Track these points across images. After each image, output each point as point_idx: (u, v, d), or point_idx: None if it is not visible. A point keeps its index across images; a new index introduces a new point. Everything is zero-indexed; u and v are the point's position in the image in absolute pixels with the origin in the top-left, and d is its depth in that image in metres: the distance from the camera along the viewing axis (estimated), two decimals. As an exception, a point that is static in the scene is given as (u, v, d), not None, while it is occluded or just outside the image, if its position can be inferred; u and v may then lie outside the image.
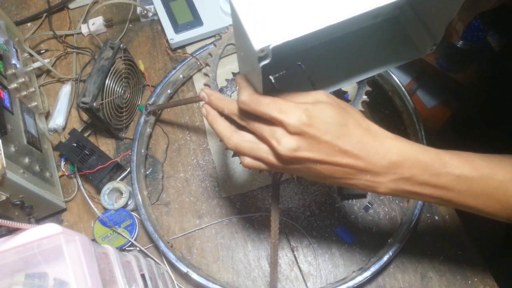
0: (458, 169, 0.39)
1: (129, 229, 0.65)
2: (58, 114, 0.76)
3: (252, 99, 0.38)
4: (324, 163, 0.37)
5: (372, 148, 0.37)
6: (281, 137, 0.37)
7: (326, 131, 0.36)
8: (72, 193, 0.70)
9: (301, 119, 0.36)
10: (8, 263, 0.37)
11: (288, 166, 0.39)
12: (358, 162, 0.37)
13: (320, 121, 0.36)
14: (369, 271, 0.60)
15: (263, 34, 0.32)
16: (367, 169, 0.38)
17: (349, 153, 0.37)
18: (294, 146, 0.36)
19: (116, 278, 0.43)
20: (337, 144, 0.36)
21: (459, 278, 0.62)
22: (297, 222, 0.67)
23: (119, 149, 0.74)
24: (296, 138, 0.36)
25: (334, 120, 0.36)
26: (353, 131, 0.37)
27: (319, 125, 0.36)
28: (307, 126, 0.36)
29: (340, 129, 0.37)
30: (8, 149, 0.57)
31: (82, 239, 0.39)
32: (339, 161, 0.37)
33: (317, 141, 0.36)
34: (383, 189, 0.39)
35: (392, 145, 0.38)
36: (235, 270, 0.65)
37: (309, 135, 0.36)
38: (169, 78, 0.75)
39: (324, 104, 0.37)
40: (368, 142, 0.37)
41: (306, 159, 0.37)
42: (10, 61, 0.69)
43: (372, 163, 0.37)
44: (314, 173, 0.39)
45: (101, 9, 0.86)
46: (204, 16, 0.81)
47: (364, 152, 0.37)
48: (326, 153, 0.37)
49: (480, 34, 1.12)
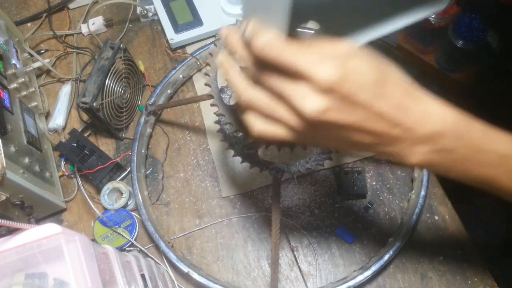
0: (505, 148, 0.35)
1: (129, 229, 0.65)
2: (58, 114, 0.76)
3: (274, 44, 0.31)
4: (354, 128, 0.32)
5: (412, 113, 0.32)
6: (307, 96, 0.31)
7: (361, 90, 0.30)
8: (72, 193, 0.70)
9: (333, 74, 0.30)
10: (8, 263, 0.37)
11: (311, 132, 0.33)
12: (395, 129, 0.32)
13: (355, 77, 0.30)
14: (369, 270, 0.60)
15: None
16: (403, 137, 0.33)
17: (386, 118, 0.32)
18: (322, 107, 0.30)
19: (116, 278, 0.43)
20: (373, 106, 0.31)
21: (459, 278, 0.62)
22: (297, 222, 0.67)
23: (119, 149, 0.74)
24: (325, 97, 0.30)
25: (372, 77, 0.31)
26: (393, 91, 0.32)
27: (354, 83, 0.30)
28: (339, 82, 0.30)
29: (377, 88, 0.31)
30: (8, 149, 0.57)
31: (82, 239, 0.39)
32: (373, 127, 0.32)
33: (350, 102, 0.31)
34: (415, 159, 0.34)
35: (436, 112, 0.33)
36: (235, 270, 0.65)
37: (341, 94, 0.30)
38: (169, 78, 0.75)
39: (360, 58, 0.31)
40: (409, 106, 0.32)
41: (334, 123, 0.32)
42: (10, 61, 0.69)
43: (410, 130, 0.32)
44: (340, 140, 0.34)
45: (101, 9, 0.86)
46: (204, 16, 0.81)
47: (403, 117, 0.32)
48: (359, 116, 0.31)
49: (480, 34, 1.12)
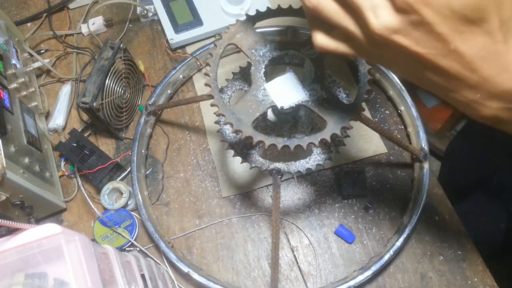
0: None
1: (129, 229, 0.65)
2: (58, 114, 0.76)
3: None
4: (424, 60, 0.28)
5: (500, 63, 0.27)
6: (379, 9, 0.26)
7: (445, 18, 0.26)
8: (72, 193, 0.70)
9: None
10: (8, 263, 0.37)
11: (376, 51, 0.29)
12: (473, 75, 0.28)
13: (444, 2, 0.25)
14: (370, 270, 0.60)
15: None
16: (480, 86, 0.28)
17: (464, 60, 0.27)
18: (392, 25, 0.26)
19: (116, 278, 0.43)
20: (453, 41, 0.26)
21: (459, 278, 0.62)
22: (297, 222, 0.67)
23: (119, 149, 0.74)
24: (398, 15, 0.26)
25: (465, 6, 0.25)
26: (485, 29, 0.26)
27: (440, 8, 0.25)
28: (421, 3, 0.25)
29: (466, 22, 0.26)
30: (8, 149, 0.57)
31: (82, 239, 0.39)
32: (446, 66, 0.28)
33: (427, 29, 0.26)
34: (487, 113, 0.30)
35: None
36: (235, 270, 0.65)
37: (419, 18, 0.26)
38: (169, 78, 0.75)
39: None
40: (499, 53, 0.27)
41: (403, 47, 0.27)
42: (10, 61, 0.69)
43: (489, 81, 0.28)
44: (407, 69, 0.30)
45: (101, 9, 0.86)
46: (204, 16, 0.81)
47: (487, 64, 0.27)
48: (432, 49, 0.27)
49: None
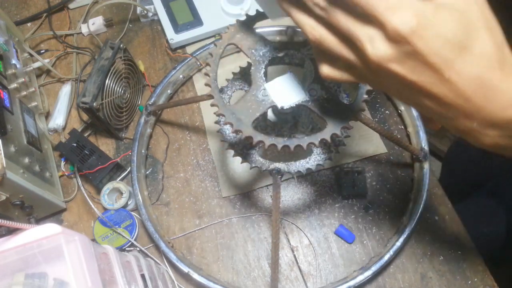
0: None
1: (129, 229, 0.65)
2: (58, 114, 0.76)
3: None
4: (418, 88, 0.28)
5: (494, 92, 0.27)
6: (374, 39, 0.27)
7: (437, 49, 0.26)
8: (72, 193, 0.70)
9: (408, 24, 0.26)
10: (8, 263, 0.37)
11: (375, 78, 0.31)
12: (467, 104, 0.28)
13: (435, 33, 0.26)
14: (370, 270, 0.60)
15: None
16: (475, 115, 0.28)
17: (459, 89, 0.27)
18: (388, 55, 0.27)
19: (116, 278, 0.43)
20: (445, 72, 0.27)
21: (459, 278, 0.62)
22: (297, 222, 0.67)
23: (119, 149, 0.74)
24: (392, 46, 0.27)
25: (455, 37, 0.26)
26: (477, 59, 0.27)
27: (431, 39, 0.26)
28: (413, 35, 0.26)
29: (458, 52, 0.26)
30: (8, 149, 0.57)
31: (82, 239, 0.39)
32: (440, 94, 0.28)
33: (420, 60, 0.27)
34: (488, 141, 0.30)
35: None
36: (235, 270, 0.65)
37: (412, 49, 0.26)
38: (169, 78, 0.75)
39: (451, 11, 0.26)
40: (493, 81, 0.27)
41: (397, 76, 0.28)
42: (10, 61, 0.69)
43: (486, 111, 0.28)
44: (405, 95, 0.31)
45: (101, 9, 0.86)
46: (204, 16, 0.80)
47: (481, 93, 0.27)
48: (425, 78, 0.28)
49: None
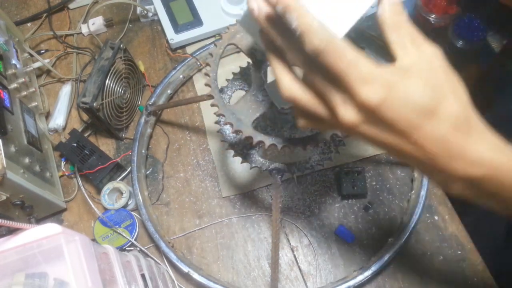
0: None
1: (129, 229, 0.65)
2: (58, 114, 0.76)
3: (331, 47, 0.28)
4: (390, 147, 0.31)
5: (458, 152, 0.29)
6: (346, 105, 0.29)
7: (404, 116, 0.28)
8: (72, 193, 0.70)
9: (377, 96, 0.28)
10: (8, 263, 0.37)
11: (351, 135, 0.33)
12: (434, 162, 0.30)
13: (403, 102, 0.28)
14: (369, 270, 0.60)
15: None
16: (442, 170, 0.30)
17: (425, 150, 0.29)
18: (357, 121, 0.30)
19: (116, 278, 0.43)
20: (413, 135, 0.29)
21: (459, 278, 0.62)
22: (297, 222, 0.67)
23: (119, 149, 0.74)
24: (362, 113, 0.29)
25: (421, 104, 0.28)
26: (442, 122, 0.29)
27: (399, 108, 0.28)
28: (382, 106, 0.28)
29: (423, 118, 0.28)
30: (8, 149, 0.57)
31: (82, 239, 0.39)
32: (410, 154, 0.30)
33: (388, 126, 0.29)
34: (456, 192, 0.32)
35: (483, 155, 0.29)
36: (235, 270, 0.65)
37: (379, 117, 0.29)
38: (169, 79, 0.75)
39: (418, 78, 0.28)
40: (457, 142, 0.29)
41: (370, 137, 0.31)
42: (10, 61, 0.69)
43: (451, 169, 0.30)
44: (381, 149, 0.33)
45: (101, 9, 0.86)
46: (204, 16, 0.80)
47: (446, 153, 0.29)
48: (394, 140, 0.30)
49: (480, 34, 1.12)
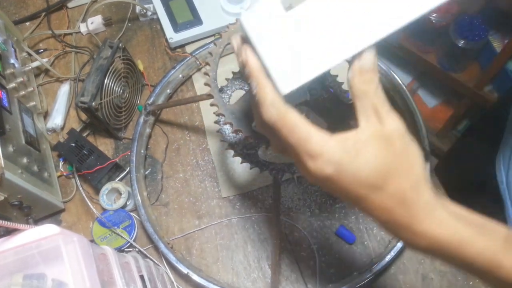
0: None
1: (128, 230, 0.64)
2: (56, 113, 0.75)
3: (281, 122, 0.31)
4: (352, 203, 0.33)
5: (402, 224, 0.31)
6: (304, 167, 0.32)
7: (351, 189, 0.30)
8: (70, 194, 0.70)
9: (322, 172, 0.30)
10: (7, 263, 0.37)
11: None
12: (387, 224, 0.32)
13: (349, 179, 0.30)
14: (370, 272, 0.59)
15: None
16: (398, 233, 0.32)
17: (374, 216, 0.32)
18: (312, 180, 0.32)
19: (115, 279, 0.42)
20: (361, 204, 0.32)
21: (460, 279, 0.62)
22: (297, 223, 0.66)
23: (118, 149, 0.74)
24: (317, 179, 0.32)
25: (367, 181, 0.30)
26: (387, 198, 0.30)
27: (345, 184, 0.30)
28: (327, 180, 0.31)
29: (370, 192, 0.30)
30: (6, 149, 0.56)
31: (80, 240, 0.39)
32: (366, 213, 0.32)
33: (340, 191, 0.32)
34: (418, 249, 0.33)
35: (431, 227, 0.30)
36: (235, 271, 0.64)
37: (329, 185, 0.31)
38: (169, 78, 0.75)
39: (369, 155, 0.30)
40: (401, 216, 0.31)
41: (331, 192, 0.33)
42: (9, 61, 0.68)
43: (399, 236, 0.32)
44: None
45: (100, 8, 0.85)
46: (204, 15, 0.80)
47: (391, 224, 0.31)
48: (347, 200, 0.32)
49: (482, 33, 1.12)
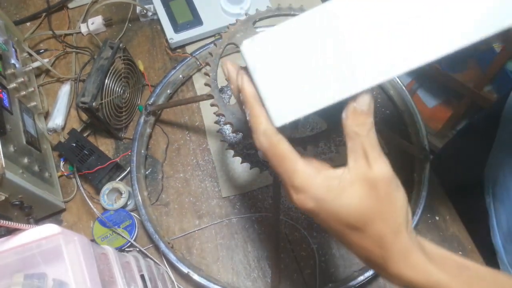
0: None
1: (128, 230, 0.65)
2: (57, 114, 0.76)
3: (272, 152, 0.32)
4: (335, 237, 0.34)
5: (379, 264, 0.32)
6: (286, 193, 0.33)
7: (332, 225, 0.32)
8: (71, 193, 0.70)
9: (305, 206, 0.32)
10: (7, 263, 0.37)
11: None
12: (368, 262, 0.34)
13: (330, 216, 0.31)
14: (370, 271, 0.59)
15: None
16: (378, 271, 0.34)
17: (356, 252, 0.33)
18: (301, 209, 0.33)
19: (116, 279, 0.42)
20: (341, 240, 0.33)
21: (460, 278, 0.62)
22: (297, 222, 0.67)
23: (119, 149, 0.74)
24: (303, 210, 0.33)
25: (347, 222, 0.31)
26: (366, 239, 0.31)
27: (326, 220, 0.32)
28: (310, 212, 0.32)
29: (350, 231, 0.31)
30: (7, 149, 0.56)
31: (81, 239, 0.39)
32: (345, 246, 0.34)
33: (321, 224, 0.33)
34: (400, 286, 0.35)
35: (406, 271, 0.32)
36: (235, 270, 0.65)
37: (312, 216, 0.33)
38: (169, 78, 0.75)
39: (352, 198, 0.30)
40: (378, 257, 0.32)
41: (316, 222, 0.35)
42: (9, 61, 0.68)
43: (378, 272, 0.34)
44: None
45: (101, 8, 0.86)
46: (204, 16, 0.80)
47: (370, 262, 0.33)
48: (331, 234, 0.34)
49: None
